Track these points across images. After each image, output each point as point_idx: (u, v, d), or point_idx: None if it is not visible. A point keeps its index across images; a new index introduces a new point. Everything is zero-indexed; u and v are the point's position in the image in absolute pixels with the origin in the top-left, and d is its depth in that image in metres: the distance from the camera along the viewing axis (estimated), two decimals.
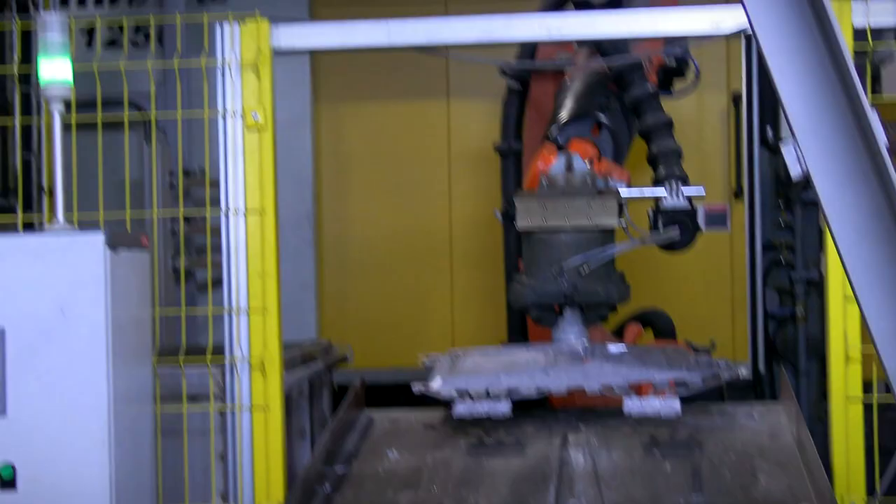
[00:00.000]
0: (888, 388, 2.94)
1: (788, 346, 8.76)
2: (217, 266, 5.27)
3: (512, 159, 6.66)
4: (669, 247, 5.32)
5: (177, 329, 7.02)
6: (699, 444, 5.00)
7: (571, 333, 5.29)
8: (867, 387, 4.94)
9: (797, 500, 4.41)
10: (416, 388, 5.01)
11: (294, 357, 5.72)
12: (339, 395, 6.06)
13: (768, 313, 8.77)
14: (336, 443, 5.09)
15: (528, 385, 4.91)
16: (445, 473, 4.80)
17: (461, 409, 4.88)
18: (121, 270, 4.73)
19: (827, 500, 4.22)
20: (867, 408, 4.87)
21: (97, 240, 4.64)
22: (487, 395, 4.90)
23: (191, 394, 5.09)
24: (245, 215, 5.11)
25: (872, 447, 4.79)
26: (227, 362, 5.08)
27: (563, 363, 5.04)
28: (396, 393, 8.80)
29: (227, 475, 5.08)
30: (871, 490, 4.77)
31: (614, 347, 5.28)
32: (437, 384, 5.01)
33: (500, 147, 6.66)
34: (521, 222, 5.19)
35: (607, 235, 5.21)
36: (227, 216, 5.13)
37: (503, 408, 4.85)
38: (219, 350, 5.09)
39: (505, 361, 5.18)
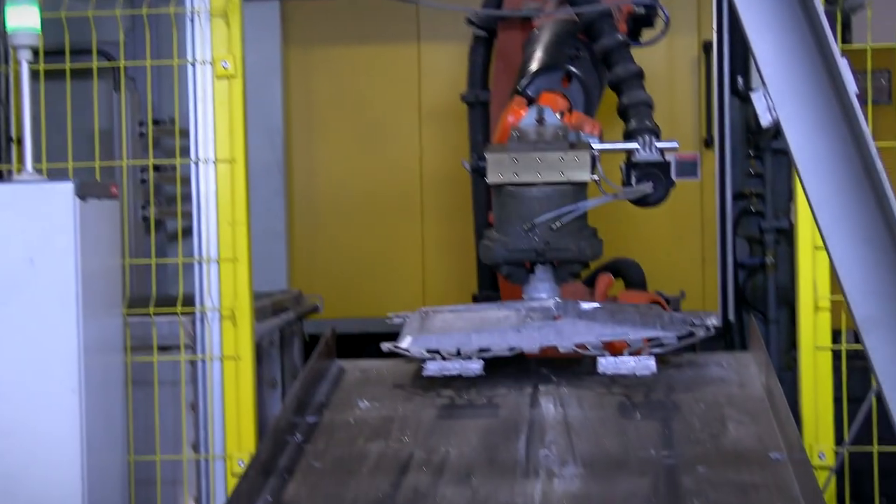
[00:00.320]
0: (857, 337, 2.95)
1: (758, 296, 8.79)
2: (187, 215, 5.25)
3: (479, 109, 6.61)
4: (642, 202, 5.21)
5: (147, 279, 7.00)
6: (669, 394, 5.01)
7: (543, 290, 5.21)
8: (836, 336, 4.96)
9: (766, 448, 4.44)
10: (385, 346, 4.97)
11: (265, 307, 5.72)
12: (309, 345, 6.06)
13: (738, 262, 8.80)
14: (307, 392, 5.09)
15: (500, 344, 4.86)
16: (416, 423, 4.80)
17: (432, 368, 4.83)
18: (90, 220, 4.71)
19: (796, 448, 4.25)
20: (836, 356, 4.89)
21: (66, 189, 4.62)
22: (458, 353, 4.85)
23: (161, 344, 5.08)
24: (215, 164, 5.09)
25: (841, 396, 4.81)
26: (197, 312, 5.07)
27: (536, 321, 4.97)
28: (367, 342, 8.83)
29: (197, 425, 5.08)
30: (839, 439, 4.79)
31: (587, 305, 5.20)
32: (406, 343, 4.96)
33: (466, 97, 6.61)
34: (492, 177, 5.08)
35: (580, 190, 5.11)
36: (196, 165, 5.11)
37: (475, 367, 4.79)
38: (189, 300, 5.08)
39: (475, 320, 5.11)
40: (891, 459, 4.57)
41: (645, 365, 4.74)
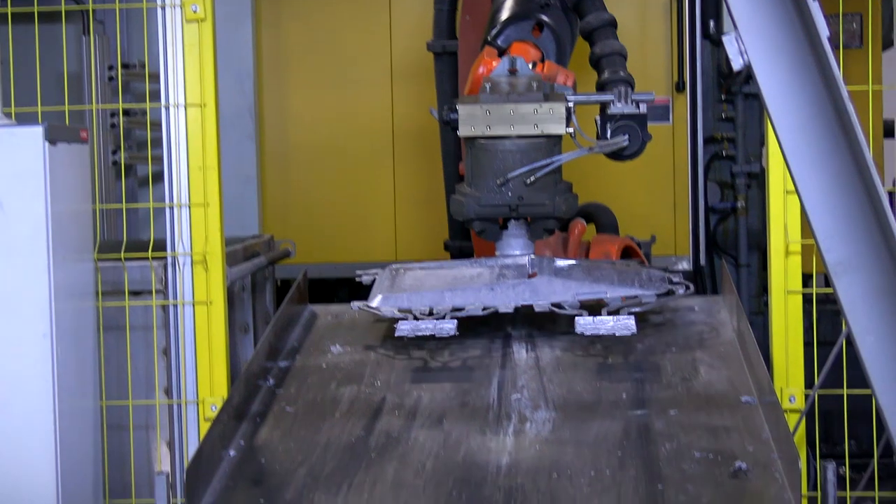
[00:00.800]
0: (827, 281, 2.96)
1: (729, 240, 8.83)
2: (158, 160, 5.23)
3: (446, 59, 6.54)
4: (618, 155, 5.07)
5: (118, 224, 6.98)
6: (640, 338, 5.03)
7: (517, 247, 5.13)
8: (807, 280, 4.98)
9: (737, 392, 4.46)
10: (355, 306, 4.92)
11: (236, 252, 5.71)
12: (281, 291, 6.06)
13: (709, 207, 8.82)
14: (279, 337, 5.09)
15: (474, 303, 4.79)
16: (389, 368, 4.81)
17: (404, 328, 4.73)
18: (60, 164, 4.69)
19: (766, 392, 4.27)
20: (807, 300, 4.91)
21: (36, 133, 4.60)
22: (431, 313, 4.77)
23: (133, 289, 5.07)
24: (185, 109, 5.06)
25: (812, 340, 4.84)
26: (168, 257, 5.06)
27: (510, 279, 4.89)
28: (339, 287, 8.84)
29: (170, 370, 5.08)
30: (809, 382, 4.82)
31: (562, 262, 5.11)
32: (377, 302, 4.89)
33: (432, 46, 6.52)
34: (464, 130, 4.94)
35: (554, 144, 4.98)
36: (167, 110, 5.09)
37: (448, 327, 4.70)
38: (160, 245, 5.07)
39: (448, 277, 5.02)
40: (860, 402, 4.59)
41: (624, 325, 4.67)
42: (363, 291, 8.77)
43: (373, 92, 8.73)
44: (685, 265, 8.62)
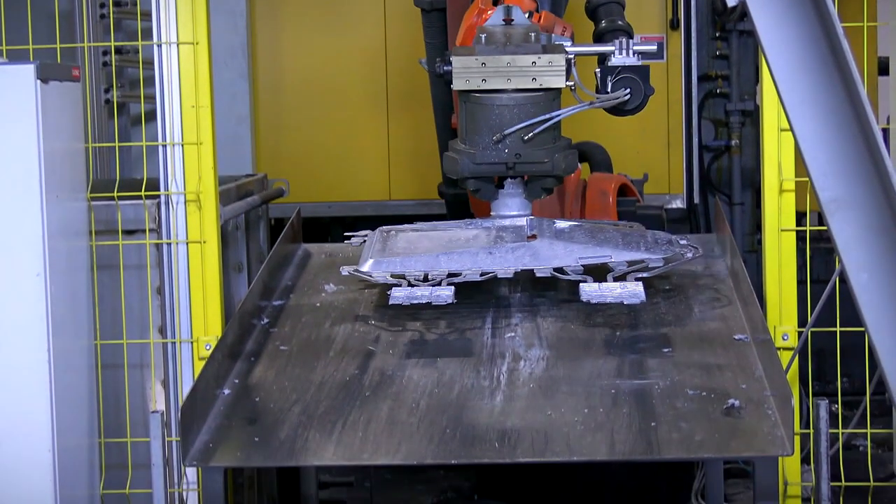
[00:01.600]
0: (821, 219, 2.96)
1: (723, 178, 8.83)
2: (150, 99, 5.21)
3: (435, 15, 6.31)
4: (619, 110, 4.81)
5: (111, 163, 6.97)
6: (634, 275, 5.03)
7: (514, 206, 4.86)
8: (800, 218, 4.98)
9: (730, 330, 4.47)
10: (345, 270, 4.74)
11: (230, 191, 5.70)
12: (275, 230, 6.06)
13: (703, 145, 8.81)
14: (273, 276, 5.09)
15: (471, 267, 4.57)
16: (382, 306, 4.82)
17: (398, 295, 4.50)
18: (52, 103, 4.67)
19: (760, 330, 4.28)
20: (800, 238, 4.92)
21: (27, 71, 4.57)
22: (426, 278, 4.57)
23: (126, 228, 5.07)
24: (178, 47, 5.04)
25: (805, 278, 4.84)
26: (162, 196, 5.05)
27: (508, 241, 4.68)
28: (333, 226, 8.84)
29: (164, 309, 5.08)
30: (802, 320, 4.83)
31: (562, 223, 4.87)
32: (368, 266, 4.68)
33: (419, 1, 6.33)
34: (458, 83, 4.66)
35: (553, 98, 4.72)
36: (159, 48, 5.06)
37: (445, 294, 4.48)
38: (154, 184, 5.06)
39: (442, 240, 4.79)
40: (853, 339, 4.60)
41: (632, 292, 4.44)
42: (358, 229, 8.78)
43: (367, 30, 8.70)
44: (679, 203, 8.62)
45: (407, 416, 3.96)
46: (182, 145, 5.04)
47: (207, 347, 4.90)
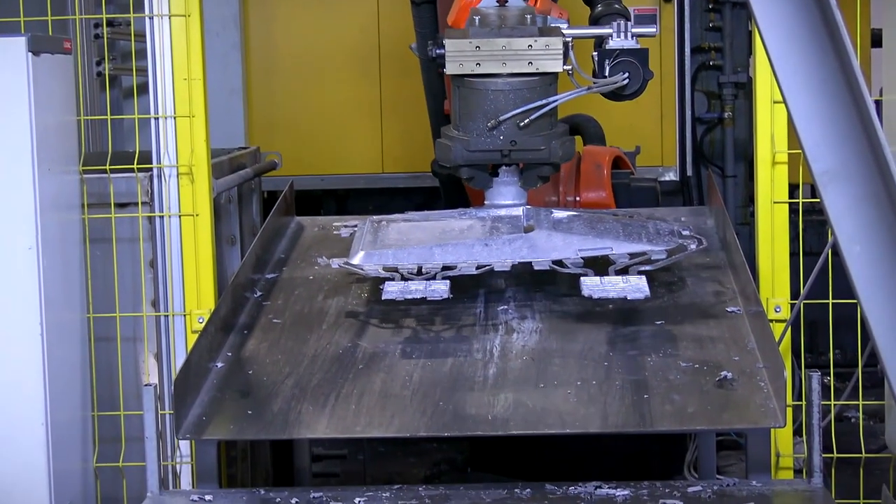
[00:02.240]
0: (814, 192, 2.96)
1: (716, 150, 8.82)
2: (142, 71, 5.19)
3: (425, 7, 6.16)
4: (617, 95, 4.70)
5: (103, 136, 6.95)
6: None
7: (509, 195, 4.75)
8: (793, 190, 4.98)
9: (723, 302, 4.48)
10: (335, 263, 4.63)
11: (222, 164, 5.69)
12: (268, 203, 6.05)
13: (696, 117, 8.80)
14: (266, 249, 5.09)
15: (466, 260, 4.42)
16: (375, 279, 4.81)
17: (392, 290, 4.34)
18: (44, 75, 4.66)
19: (752, 302, 4.29)
20: (793, 211, 4.92)
21: (19, 44, 4.56)
22: (419, 272, 4.42)
23: (118, 201, 5.05)
24: (170, 19, 5.02)
25: (798, 250, 4.84)
26: (154, 169, 5.04)
27: (505, 233, 4.54)
28: (326, 199, 8.83)
29: (156, 282, 5.08)
30: (795, 292, 4.84)
31: (560, 213, 4.75)
32: (359, 259, 4.52)
33: None
34: (451, 67, 4.53)
35: (550, 82, 4.61)
36: (151, 20, 5.05)
37: (441, 289, 4.31)
38: (146, 157, 5.05)
39: (436, 231, 4.65)
40: (845, 311, 4.61)
41: (636, 287, 4.27)
42: (350, 203, 8.77)
43: (359, 2, 8.67)
44: (671, 176, 8.62)
45: (400, 388, 3.96)
46: (174, 118, 5.03)
47: (200, 320, 4.90)
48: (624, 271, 4.37)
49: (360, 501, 3.61)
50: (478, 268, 4.39)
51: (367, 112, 8.73)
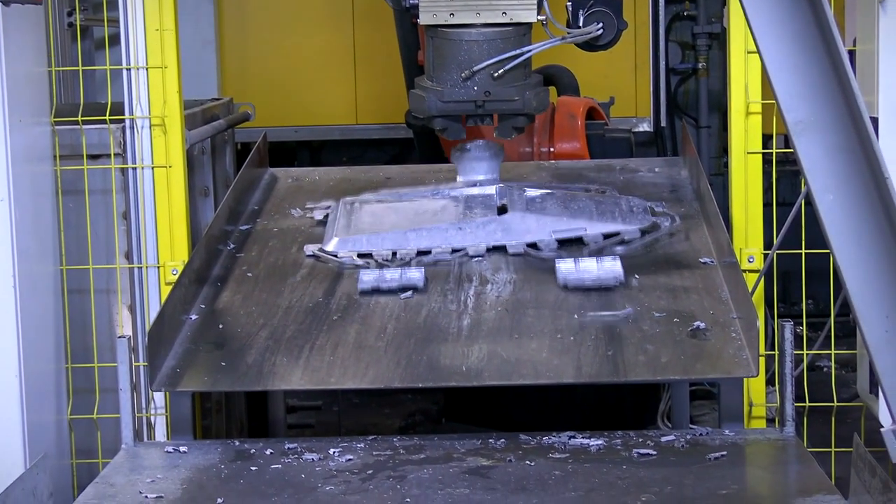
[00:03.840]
0: (787, 142, 2.96)
1: (690, 101, 8.81)
2: (114, 22, 5.16)
3: None
4: (591, 45, 4.67)
5: (75, 87, 6.91)
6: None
7: (481, 171, 4.77)
8: (767, 141, 4.99)
9: (697, 253, 4.49)
10: (309, 250, 4.57)
11: (195, 115, 5.66)
12: (241, 154, 6.03)
13: (670, 68, 8.79)
14: (239, 201, 5.08)
15: (441, 244, 4.46)
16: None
17: (366, 281, 4.27)
18: (14, 26, 4.62)
19: (725, 252, 4.30)
20: (766, 161, 4.92)
21: None
22: (394, 255, 4.43)
23: (91, 153, 5.03)
24: None
25: (771, 200, 4.85)
26: (127, 120, 5.02)
27: (478, 215, 4.56)
28: (300, 150, 8.80)
29: (129, 234, 5.06)
30: (768, 243, 4.85)
31: (534, 191, 4.72)
32: (333, 246, 4.53)
33: None
34: (425, 17, 4.51)
35: (524, 33, 4.59)
36: None
37: (416, 277, 4.26)
38: (118, 108, 5.03)
39: (409, 213, 4.66)
40: (818, 261, 4.62)
41: (611, 271, 4.22)
42: (324, 154, 8.74)
43: None
44: (645, 126, 8.62)
45: (374, 340, 3.96)
46: (147, 69, 5.00)
47: (174, 272, 4.89)
48: (598, 252, 4.39)
49: (334, 452, 3.62)
50: (452, 252, 4.43)
51: (340, 63, 8.69)
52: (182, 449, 3.73)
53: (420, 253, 4.45)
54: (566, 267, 4.25)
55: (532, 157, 6.44)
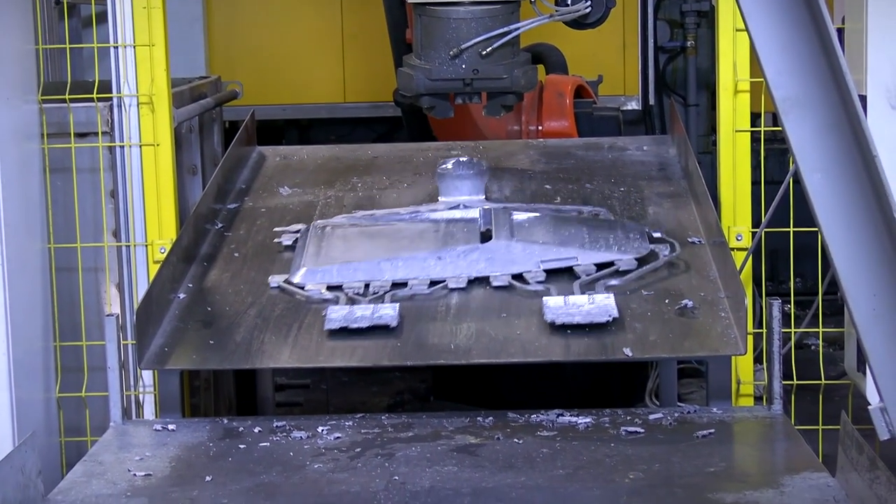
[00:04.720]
0: (776, 121, 2.96)
1: (678, 79, 8.80)
2: (101, 0, 5.14)
3: None
4: (579, 23, 4.65)
5: (62, 65, 6.89)
6: (590, 178, 5.04)
7: (464, 190, 4.59)
8: (755, 119, 4.99)
9: (685, 231, 4.49)
10: (274, 282, 4.22)
11: (183, 93, 5.65)
12: (229, 133, 6.02)
13: (659, 46, 8.78)
14: (227, 179, 5.08)
15: (418, 276, 4.12)
16: (338, 208, 4.81)
17: (335, 317, 3.88)
18: (0, 3, 4.61)
19: (714, 230, 4.30)
20: (755, 139, 4.92)
21: None
22: (366, 288, 4.08)
23: (78, 131, 5.02)
24: None
25: (759, 179, 4.86)
26: (114, 98, 5.00)
27: (460, 242, 4.26)
28: (288, 128, 8.79)
29: (117, 213, 5.05)
30: (756, 221, 4.85)
31: (520, 214, 4.40)
32: (300, 277, 4.19)
33: None
34: None
35: (512, 10, 4.53)
36: None
37: (389, 315, 3.87)
38: (106, 86, 5.01)
39: (384, 239, 4.38)
40: (806, 240, 4.63)
41: (603, 309, 3.82)
42: (312, 133, 8.73)
43: None
44: (634, 105, 8.61)
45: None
46: (134, 47, 4.98)
47: (162, 251, 4.88)
48: (590, 286, 4.03)
49: (323, 430, 3.62)
50: (431, 284, 4.10)
51: (329, 41, 8.68)
52: (170, 427, 3.73)
53: (395, 285, 4.10)
54: (554, 303, 3.87)
55: (520, 135, 6.44)
